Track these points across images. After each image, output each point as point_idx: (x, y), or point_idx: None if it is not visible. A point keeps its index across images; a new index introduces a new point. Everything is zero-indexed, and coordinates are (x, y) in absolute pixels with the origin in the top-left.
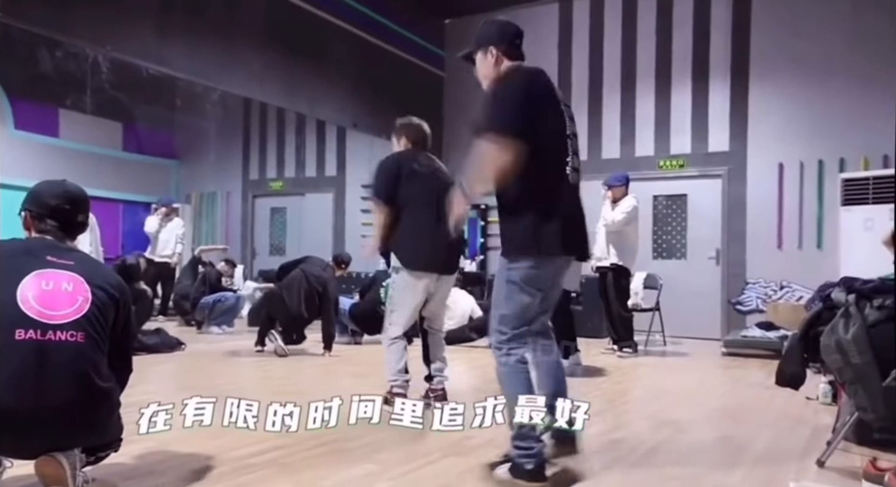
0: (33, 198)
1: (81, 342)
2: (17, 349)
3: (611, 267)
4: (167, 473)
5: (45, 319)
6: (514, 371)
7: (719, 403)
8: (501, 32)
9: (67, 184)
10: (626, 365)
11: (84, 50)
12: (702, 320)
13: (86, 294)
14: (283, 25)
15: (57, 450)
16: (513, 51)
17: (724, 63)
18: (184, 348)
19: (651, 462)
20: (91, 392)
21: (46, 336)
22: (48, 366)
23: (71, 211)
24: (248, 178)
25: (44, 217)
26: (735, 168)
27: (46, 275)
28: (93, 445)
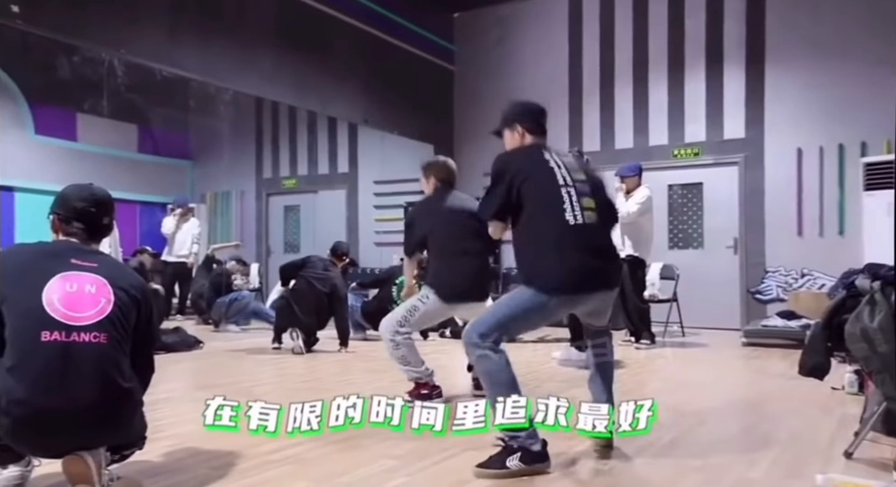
0: (61, 201)
1: (104, 343)
2: (43, 350)
3: (626, 259)
4: (190, 470)
5: (69, 321)
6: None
7: (741, 394)
8: (527, 111)
9: (94, 187)
10: (645, 357)
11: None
12: (721, 310)
13: (109, 295)
14: (293, 24)
15: (83, 449)
16: (536, 128)
17: (738, 48)
18: (202, 346)
19: (672, 453)
20: (114, 392)
21: (71, 337)
22: (73, 367)
23: (97, 213)
24: (261, 177)
25: (70, 220)
26: (752, 155)
27: (70, 278)
28: (117, 444)
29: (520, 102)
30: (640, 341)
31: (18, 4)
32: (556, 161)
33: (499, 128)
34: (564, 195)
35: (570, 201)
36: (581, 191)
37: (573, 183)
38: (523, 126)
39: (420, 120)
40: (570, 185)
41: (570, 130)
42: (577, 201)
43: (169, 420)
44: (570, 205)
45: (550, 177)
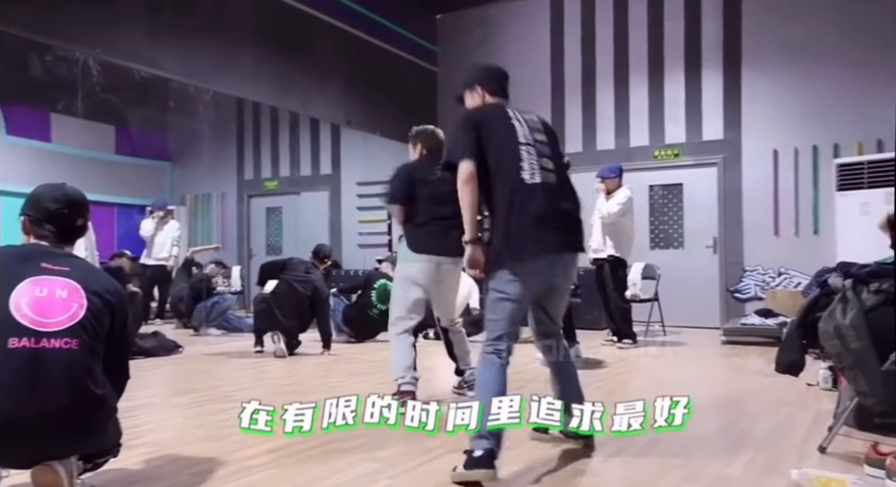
0: (32, 202)
1: (76, 349)
2: (10, 357)
3: (607, 259)
4: (168, 477)
5: (38, 327)
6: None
7: (720, 392)
8: (488, 73)
9: (67, 187)
10: (627, 357)
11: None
12: (701, 309)
13: (81, 300)
14: (274, 24)
15: (54, 458)
16: (497, 90)
17: (716, 52)
18: (181, 351)
19: (653, 452)
20: (86, 399)
21: (40, 344)
22: (42, 374)
23: (70, 215)
24: (242, 178)
25: (42, 222)
26: (730, 156)
27: (41, 282)
28: (90, 452)
29: (482, 65)
30: (622, 341)
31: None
32: (519, 118)
33: (460, 91)
34: (523, 153)
35: (528, 159)
36: (541, 151)
37: (534, 142)
38: (484, 88)
39: (403, 121)
40: (530, 144)
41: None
42: (537, 160)
43: (146, 426)
44: (527, 163)
45: (510, 132)
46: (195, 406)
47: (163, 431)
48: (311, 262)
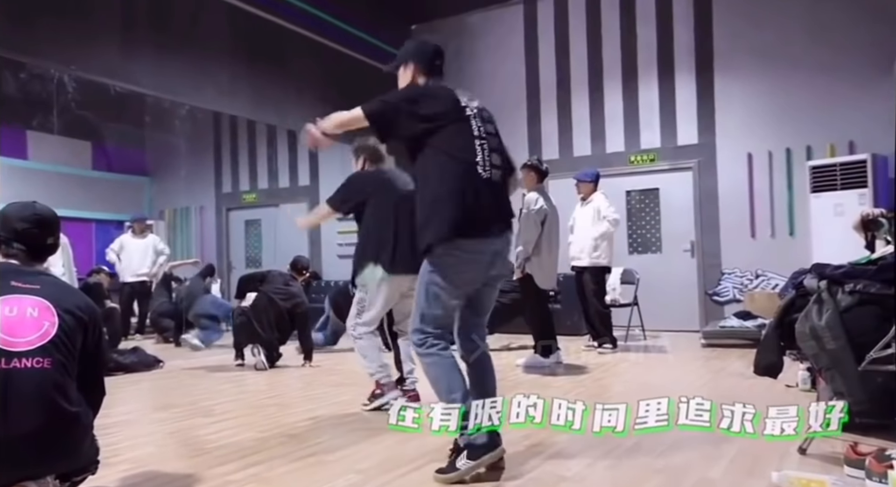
0: (1, 221)
1: (48, 368)
2: None
3: (589, 267)
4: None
5: (9, 347)
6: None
7: (701, 394)
8: (419, 50)
9: (37, 206)
10: (608, 362)
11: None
12: (680, 313)
13: (52, 318)
14: (248, 37)
15: (29, 478)
16: (432, 69)
17: (688, 57)
18: (162, 366)
19: (635, 456)
20: (60, 418)
21: (11, 364)
22: (14, 395)
23: (39, 234)
24: (220, 192)
25: (10, 241)
26: (705, 160)
27: (10, 301)
28: (66, 471)
29: (414, 41)
30: (602, 346)
31: None
32: (471, 107)
33: (394, 66)
34: (478, 147)
35: (482, 154)
36: (492, 145)
37: (486, 135)
38: (417, 65)
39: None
40: (483, 138)
41: (529, 138)
42: (488, 156)
43: (125, 443)
44: (482, 158)
45: (467, 124)
46: (175, 421)
47: (142, 447)
48: (289, 274)
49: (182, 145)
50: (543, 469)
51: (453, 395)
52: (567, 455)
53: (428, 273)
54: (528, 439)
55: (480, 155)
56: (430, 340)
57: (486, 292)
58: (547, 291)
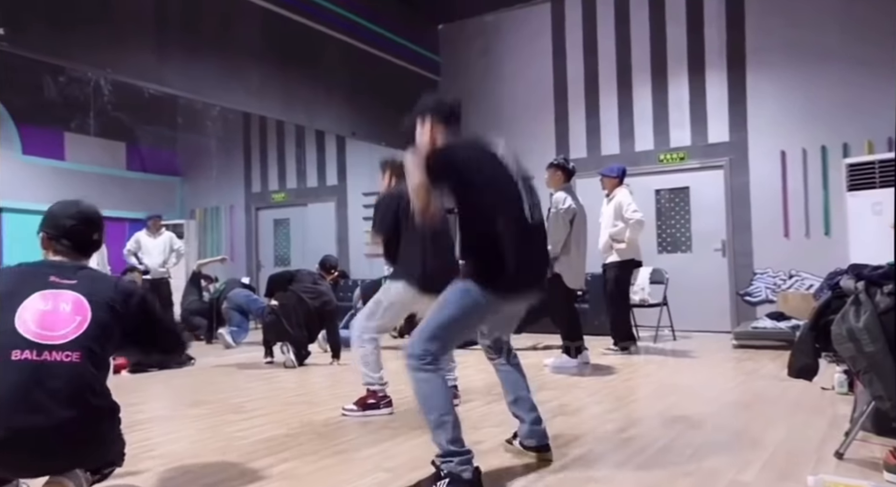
0: (49, 219)
1: (77, 362)
2: (13, 370)
3: (613, 264)
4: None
5: (41, 340)
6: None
7: (732, 397)
8: (436, 106)
9: (82, 204)
10: (636, 362)
11: (86, 74)
12: (711, 313)
13: (85, 312)
14: (279, 39)
15: (57, 470)
16: (449, 121)
17: (719, 54)
18: (193, 363)
19: (664, 459)
20: (88, 411)
21: (42, 356)
22: (44, 387)
23: (85, 231)
24: (250, 191)
25: (59, 237)
26: (737, 158)
27: (47, 296)
28: (94, 464)
29: (431, 96)
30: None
31: (4, 27)
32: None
33: (410, 123)
34: (521, 191)
35: (524, 199)
36: (526, 188)
37: (521, 179)
38: (434, 118)
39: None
40: (519, 182)
41: (557, 137)
42: (527, 200)
43: (158, 439)
44: (524, 202)
45: (506, 171)
46: (207, 417)
47: (176, 443)
48: (318, 273)
49: (213, 146)
50: (571, 469)
51: (445, 418)
52: (595, 456)
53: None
54: (556, 439)
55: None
56: (430, 358)
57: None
58: (575, 291)
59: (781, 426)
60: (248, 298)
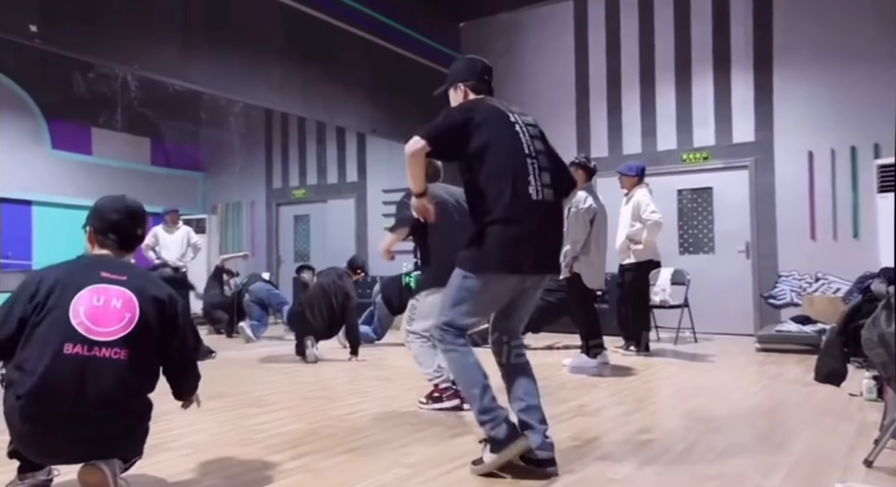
0: (96, 213)
1: (124, 359)
2: (64, 362)
3: (630, 266)
4: (201, 480)
5: (92, 335)
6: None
7: (756, 400)
8: (468, 69)
9: (127, 199)
10: (656, 364)
11: (113, 70)
12: (733, 315)
13: (134, 311)
14: (301, 36)
15: (93, 458)
16: (480, 85)
17: (745, 53)
18: (214, 356)
19: (686, 462)
20: (130, 407)
21: (92, 351)
22: (90, 381)
23: (130, 225)
24: (271, 187)
25: (106, 232)
26: (762, 158)
27: (98, 291)
28: (128, 454)
29: (463, 59)
30: (629, 346)
31: (36, 23)
32: (521, 125)
33: (444, 88)
34: (529, 166)
35: (533, 174)
36: (542, 164)
37: (535, 153)
38: (466, 84)
39: None
40: (533, 156)
41: (578, 136)
42: (539, 175)
43: (182, 429)
44: (533, 177)
45: (516, 141)
46: (227, 410)
47: (197, 434)
48: (344, 270)
49: (235, 142)
50: (590, 470)
51: (472, 390)
52: (615, 457)
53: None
54: (575, 439)
55: (532, 174)
56: (449, 337)
57: (521, 302)
58: (594, 291)
59: (807, 431)
60: (269, 292)
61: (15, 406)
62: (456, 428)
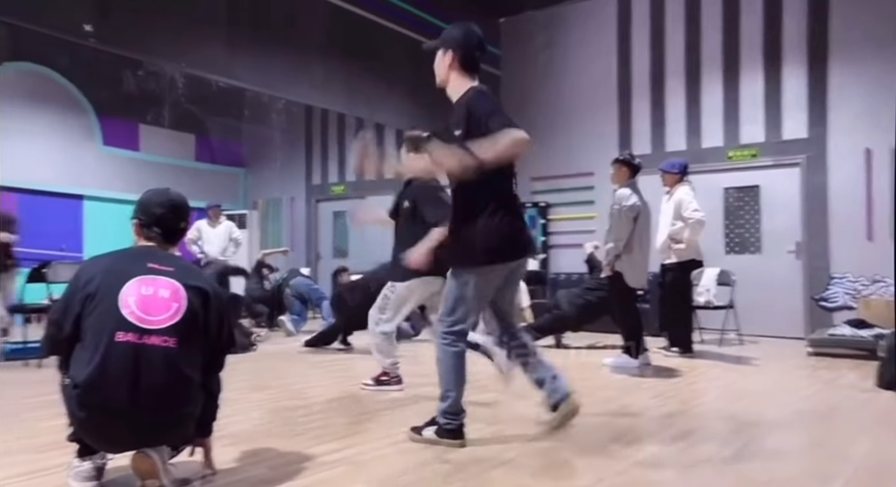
0: (142, 206)
1: (173, 347)
2: (116, 350)
3: (672, 266)
4: (245, 469)
5: (142, 324)
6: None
7: (808, 405)
8: (464, 39)
9: (171, 192)
10: (700, 365)
11: (162, 67)
12: (782, 318)
13: (181, 301)
14: (342, 33)
15: (145, 446)
16: (469, 59)
17: (798, 46)
18: (255, 349)
19: (735, 466)
20: (180, 394)
21: (142, 340)
22: (142, 369)
23: (174, 219)
24: (310, 183)
25: (150, 225)
26: (815, 155)
27: (147, 281)
28: (178, 443)
29: (460, 27)
30: (672, 348)
31: (91, 23)
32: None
33: (434, 45)
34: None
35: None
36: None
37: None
38: (457, 54)
39: None
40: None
41: (620, 133)
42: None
43: (222, 420)
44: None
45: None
46: (270, 402)
47: (238, 425)
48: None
49: (276, 138)
50: (634, 473)
51: (453, 391)
52: (660, 459)
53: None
54: (618, 441)
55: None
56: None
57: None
58: (636, 290)
59: (865, 439)
60: (308, 287)
61: (72, 395)
62: (494, 426)
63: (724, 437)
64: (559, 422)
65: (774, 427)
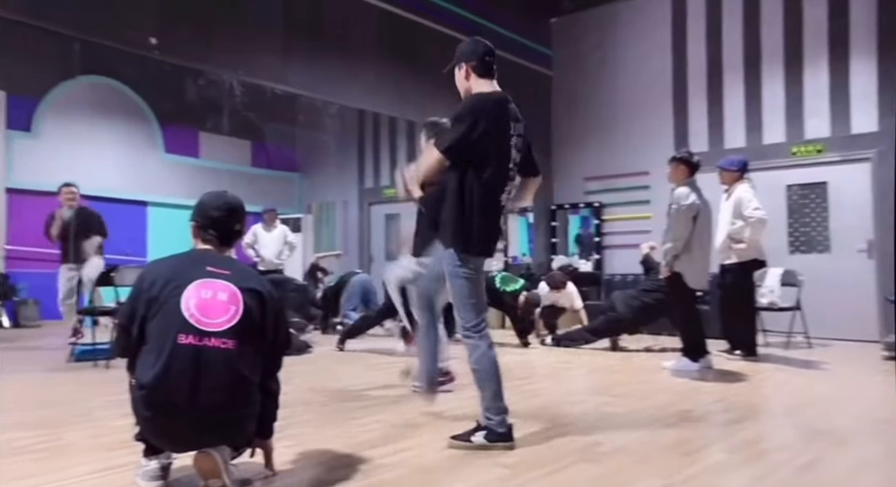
0: (199, 209)
1: (233, 349)
2: (179, 351)
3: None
4: (303, 470)
5: (202, 326)
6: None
7: (885, 414)
8: (472, 50)
9: (228, 195)
10: (765, 370)
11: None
12: (853, 320)
13: (238, 304)
14: (392, 38)
15: (207, 446)
16: (482, 67)
17: (867, 36)
18: (311, 351)
19: (808, 478)
20: (240, 395)
21: (203, 341)
22: (203, 370)
23: (230, 221)
24: (363, 187)
25: (207, 227)
26: (887, 150)
27: (206, 285)
28: (238, 443)
29: (468, 41)
30: (734, 351)
31: (156, 36)
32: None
33: (451, 66)
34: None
35: (512, 160)
36: (512, 177)
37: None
38: (469, 65)
39: None
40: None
41: (675, 131)
42: (513, 162)
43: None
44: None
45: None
46: (326, 404)
47: (298, 426)
48: None
49: (330, 143)
50: (699, 480)
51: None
52: (726, 467)
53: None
54: (680, 446)
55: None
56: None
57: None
58: (695, 291)
59: None
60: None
61: (138, 396)
62: (552, 429)
63: (796, 445)
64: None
65: (850, 436)
